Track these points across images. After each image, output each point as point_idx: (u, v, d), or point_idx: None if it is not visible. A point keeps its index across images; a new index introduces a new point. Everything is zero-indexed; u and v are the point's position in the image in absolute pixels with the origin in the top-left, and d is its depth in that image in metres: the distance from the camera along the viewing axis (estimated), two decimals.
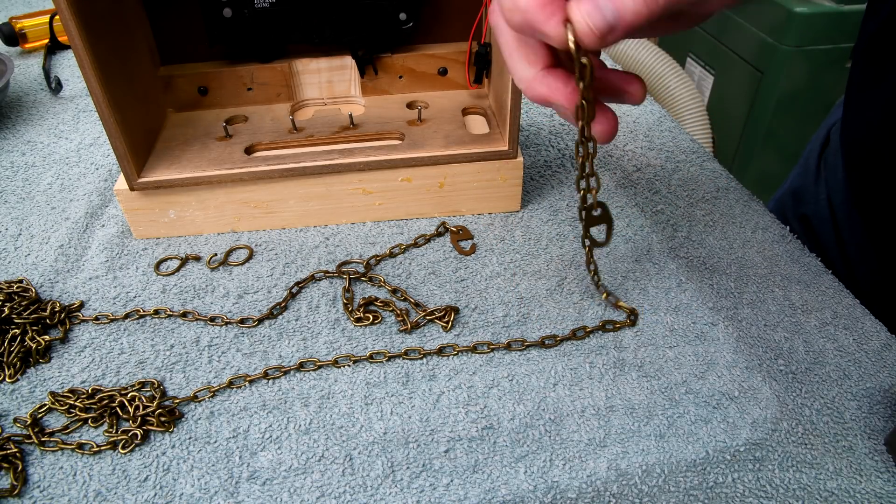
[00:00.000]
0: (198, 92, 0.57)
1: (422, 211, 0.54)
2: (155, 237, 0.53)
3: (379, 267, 0.50)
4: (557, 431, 0.38)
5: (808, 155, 0.69)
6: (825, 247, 0.64)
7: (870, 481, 0.36)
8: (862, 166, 0.57)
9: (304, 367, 0.42)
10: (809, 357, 0.43)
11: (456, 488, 0.35)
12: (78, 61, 0.43)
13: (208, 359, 0.43)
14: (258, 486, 0.36)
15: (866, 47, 0.54)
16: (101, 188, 0.59)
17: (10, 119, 0.70)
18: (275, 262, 0.50)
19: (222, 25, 0.54)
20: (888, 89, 0.52)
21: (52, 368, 0.43)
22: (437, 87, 0.60)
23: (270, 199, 0.52)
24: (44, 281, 0.49)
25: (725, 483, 0.36)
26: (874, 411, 0.39)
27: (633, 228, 0.53)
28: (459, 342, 0.44)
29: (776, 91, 1.42)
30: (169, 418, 0.39)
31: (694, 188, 0.58)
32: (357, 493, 0.35)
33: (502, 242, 0.52)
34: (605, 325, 0.44)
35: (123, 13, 0.50)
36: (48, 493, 0.36)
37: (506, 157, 0.51)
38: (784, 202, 0.70)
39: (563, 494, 0.35)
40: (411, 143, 0.53)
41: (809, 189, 0.67)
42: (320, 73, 0.59)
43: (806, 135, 0.99)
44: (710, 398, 0.40)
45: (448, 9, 0.57)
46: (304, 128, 0.55)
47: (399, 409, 0.39)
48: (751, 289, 0.48)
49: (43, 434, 0.38)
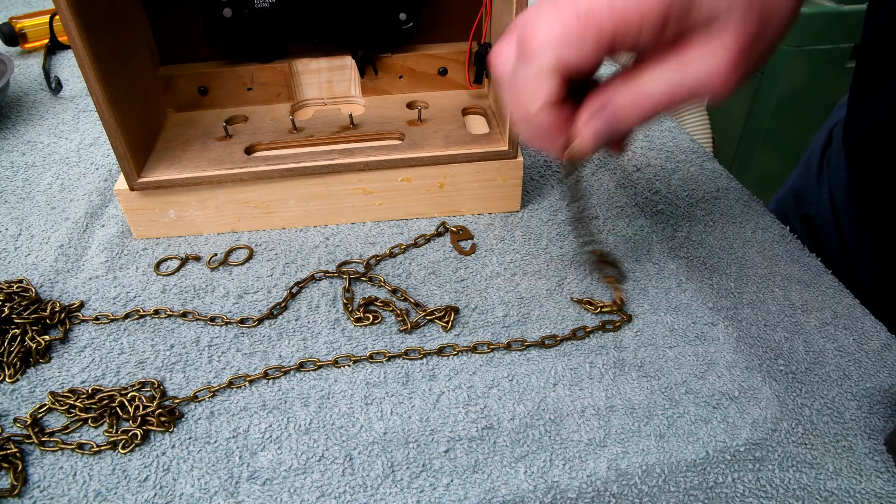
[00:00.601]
0: (198, 92, 0.57)
1: (422, 211, 0.54)
2: (155, 237, 0.53)
3: (379, 267, 0.50)
4: (557, 431, 0.38)
5: (809, 155, 0.69)
6: (827, 247, 0.63)
7: (870, 481, 0.36)
8: (865, 165, 0.56)
9: (304, 367, 0.42)
10: (809, 357, 0.43)
11: (456, 488, 0.35)
12: (78, 61, 0.43)
13: (208, 359, 0.43)
14: (258, 486, 0.36)
15: (869, 45, 0.54)
16: (101, 188, 0.59)
17: (10, 119, 0.70)
18: (275, 262, 0.50)
19: (222, 25, 0.54)
20: (892, 87, 0.52)
21: (52, 368, 0.43)
22: (437, 87, 0.60)
23: (270, 199, 0.52)
24: (44, 281, 0.49)
25: (725, 483, 0.36)
26: (874, 411, 0.39)
27: (633, 228, 0.53)
28: (459, 342, 0.44)
29: (776, 91, 1.42)
30: (169, 418, 0.39)
31: (694, 188, 0.58)
32: (357, 493, 0.35)
33: (502, 242, 0.52)
34: (604, 325, 0.44)
35: (123, 13, 0.50)
36: (48, 493, 0.36)
37: (506, 157, 0.51)
38: (786, 202, 0.70)
39: (563, 494, 0.35)
40: (411, 143, 0.53)
41: (812, 189, 0.67)
42: (320, 73, 0.59)
43: (806, 135, 0.99)
44: (710, 398, 0.40)
45: (448, 9, 0.57)
46: (304, 128, 0.55)
47: (399, 409, 0.39)
48: (751, 289, 0.48)
49: (43, 434, 0.38)
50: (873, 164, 0.55)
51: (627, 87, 0.34)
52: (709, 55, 0.31)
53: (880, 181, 0.54)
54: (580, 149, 0.36)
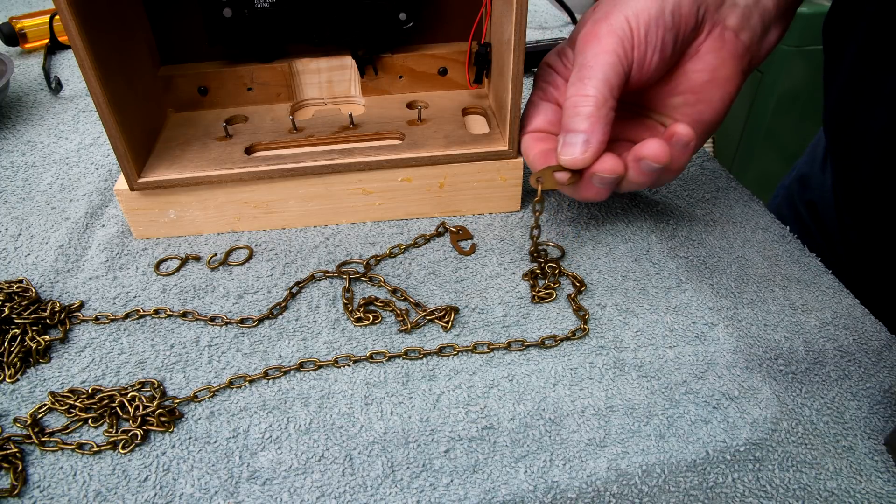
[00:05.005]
0: (198, 92, 0.57)
1: (422, 211, 0.54)
2: (155, 237, 0.53)
3: (379, 267, 0.50)
4: (557, 431, 0.38)
5: (815, 143, 0.71)
6: (830, 231, 0.65)
7: (870, 481, 0.36)
8: (840, 153, 0.58)
9: (304, 367, 0.42)
10: (809, 357, 0.43)
11: (456, 488, 0.35)
12: (78, 61, 0.43)
13: (208, 359, 0.43)
14: (258, 486, 0.36)
15: (825, 30, 0.55)
16: (101, 188, 0.59)
17: (10, 119, 0.70)
18: (275, 262, 0.50)
19: (222, 25, 0.54)
20: (844, 72, 0.53)
21: (52, 368, 0.43)
22: (437, 87, 0.60)
23: (270, 199, 0.52)
24: (44, 281, 0.49)
25: (725, 483, 0.36)
26: (874, 411, 0.39)
27: (632, 228, 0.53)
28: (459, 342, 0.44)
29: (776, 91, 1.42)
30: (169, 418, 0.39)
31: (694, 188, 0.58)
32: (357, 493, 0.35)
33: (502, 242, 0.52)
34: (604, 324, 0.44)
35: (123, 13, 0.50)
36: (48, 493, 0.36)
37: (506, 157, 0.51)
38: (791, 188, 0.72)
39: (563, 494, 0.35)
40: (411, 143, 0.53)
41: (816, 176, 0.68)
42: (320, 73, 0.59)
43: (806, 134, 0.99)
44: (710, 398, 0.40)
45: (448, 9, 0.57)
46: (305, 128, 0.55)
47: (399, 409, 0.39)
48: (751, 289, 0.48)
49: (43, 434, 0.38)
50: (845, 151, 0.57)
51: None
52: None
53: (857, 174, 0.56)
54: (565, 163, 0.45)
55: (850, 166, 0.57)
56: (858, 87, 0.52)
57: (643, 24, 0.42)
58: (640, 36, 0.42)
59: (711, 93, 0.45)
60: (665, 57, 0.43)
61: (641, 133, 0.49)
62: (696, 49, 0.45)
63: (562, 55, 0.49)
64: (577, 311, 0.45)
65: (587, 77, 0.42)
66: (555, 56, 0.49)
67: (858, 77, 0.52)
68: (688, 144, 0.43)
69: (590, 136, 0.42)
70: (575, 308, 0.46)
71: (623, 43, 0.42)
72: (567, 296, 0.47)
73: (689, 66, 0.45)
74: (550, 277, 0.48)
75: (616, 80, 0.42)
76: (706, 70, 0.45)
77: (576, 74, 0.43)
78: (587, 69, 0.42)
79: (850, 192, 0.59)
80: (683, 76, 0.45)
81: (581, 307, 0.46)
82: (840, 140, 0.57)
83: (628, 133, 0.49)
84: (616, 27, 0.42)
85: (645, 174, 0.44)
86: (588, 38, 0.43)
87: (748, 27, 0.45)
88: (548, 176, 0.46)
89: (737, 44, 0.44)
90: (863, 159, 0.54)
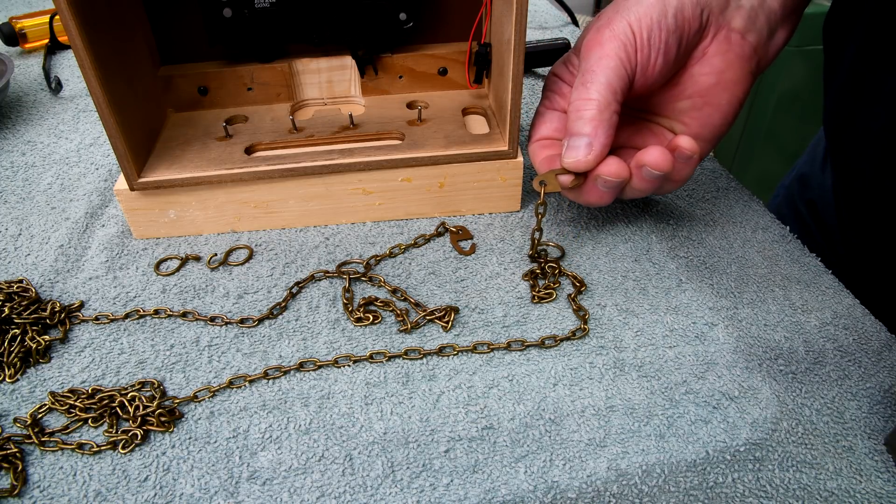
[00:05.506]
0: (198, 92, 0.57)
1: (422, 211, 0.54)
2: (155, 237, 0.53)
3: (379, 267, 0.50)
4: (557, 431, 0.38)
5: (815, 143, 0.71)
6: (830, 231, 0.65)
7: (870, 481, 0.36)
8: (840, 153, 0.58)
9: (304, 367, 0.42)
10: (809, 357, 0.43)
11: (456, 488, 0.35)
12: (78, 61, 0.43)
13: (208, 359, 0.43)
14: (258, 486, 0.36)
15: (825, 30, 0.55)
16: (101, 188, 0.59)
17: (10, 119, 0.70)
18: (275, 262, 0.50)
19: (222, 25, 0.54)
20: (844, 72, 0.53)
21: (52, 368, 0.43)
22: (437, 87, 0.60)
23: (270, 199, 0.52)
24: (44, 281, 0.49)
25: (725, 483, 0.36)
26: (874, 411, 0.39)
27: (632, 228, 0.53)
28: (459, 342, 0.44)
29: (776, 91, 1.42)
30: (169, 418, 0.39)
31: (694, 188, 0.58)
32: (357, 493, 0.35)
33: (502, 242, 0.52)
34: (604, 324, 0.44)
35: (123, 13, 0.50)
36: (48, 493, 0.36)
37: (506, 157, 0.51)
38: (791, 188, 0.72)
39: (563, 494, 0.35)
40: (411, 143, 0.53)
41: (816, 175, 0.69)
42: (320, 73, 0.59)
43: (806, 134, 0.99)
44: (710, 398, 0.40)
45: (448, 9, 0.57)
46: (305, 128, 0.55)
47: (399, 409, 0.40)
48: (751, 289, 0.48)
49: (43, 434, 0.38)
50: (844, 152, 0.57)
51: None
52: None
53: (855, 174, 0.56)
54: (568, 167, 0.45)
55: (849, 166, 0.57)
56: (858, 87, 0.52)
57: (645, 27, 0.42)
58: (643, 39, 0.42)
59: (719, 96, 0.45)
60: (669, 60, 0.43)
61: (648, 140, 0.49)
62: (702, 52, 0.45)
63: (567, 63, 0.49)
64: (577, 311, 0.45)
65: (590, 81, 0.43)
66: (561, 65, 0.49)
67: (858, 77, 0.52)
68: (690, 158, 0.44)
69: (593, 140, 0.43)
70: (575, 308, 0.46)
71: (626, 47, 0.42)
72: (567, 296, 0.47)
73: (696, 69, 0.45)
74: (550, 277, 0.48)
75: (619, 84, 0.42)
76: (713, 73, 0.45)
77: (579, 80, 0.43)
78: (590, 74, 0.43)
79: (850, 191, 0.59)
80: (690, 80, 0.45)
81: (581, 307, 0.46)
82: (840, 140, 0.57)
83: (636, 140, 0.50)
84: (618, 32, 0.42)
85: (647, 181, 0.44)
86: (591, 45, 0.43)
87: (754, 29, 0.44)
88: (551, 179, 0.46)
89: (744, 46, 0.44)
90: (862, 159, 0.54)
